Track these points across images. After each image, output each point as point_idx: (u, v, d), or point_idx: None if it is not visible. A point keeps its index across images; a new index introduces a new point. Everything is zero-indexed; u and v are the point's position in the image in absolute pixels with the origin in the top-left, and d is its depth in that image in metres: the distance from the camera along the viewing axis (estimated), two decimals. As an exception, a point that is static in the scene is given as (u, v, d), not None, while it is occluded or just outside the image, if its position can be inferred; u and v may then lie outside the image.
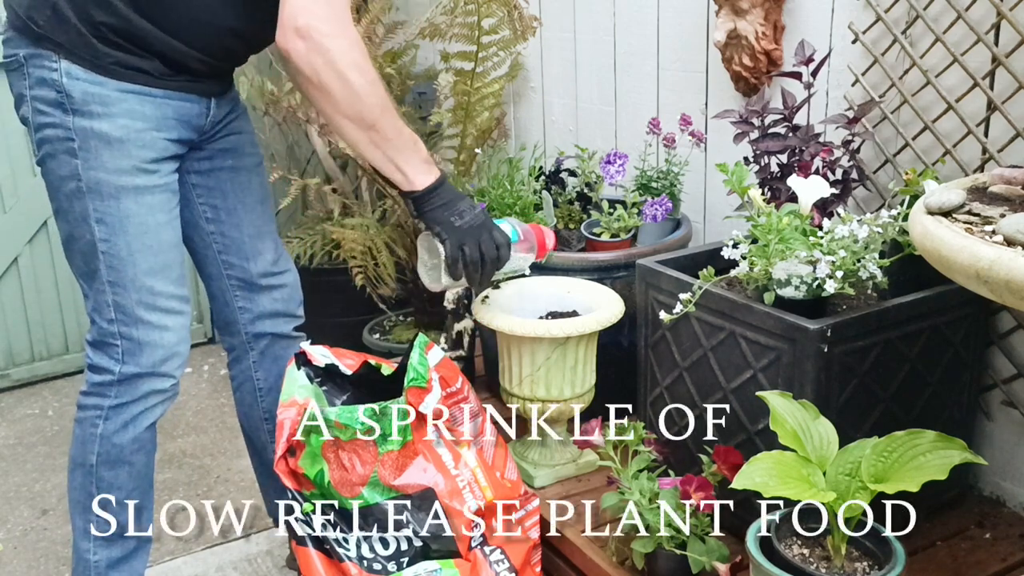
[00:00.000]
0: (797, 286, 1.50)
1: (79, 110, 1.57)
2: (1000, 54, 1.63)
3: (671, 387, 1.78)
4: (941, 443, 1.34)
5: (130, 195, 1.61)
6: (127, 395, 1.69)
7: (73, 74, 1.56)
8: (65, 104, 1.57)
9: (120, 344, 1.67)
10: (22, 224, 3.08)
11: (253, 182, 1.86)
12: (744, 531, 1.41)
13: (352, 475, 1.64)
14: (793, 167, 1.76)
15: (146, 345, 1.67)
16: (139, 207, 1.62)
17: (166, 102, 1.62)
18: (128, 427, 1.71)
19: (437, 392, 1.68)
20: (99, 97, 1.56)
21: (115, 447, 1.72)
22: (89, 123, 1.57)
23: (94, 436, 1.72)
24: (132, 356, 1.67)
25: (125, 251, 1.63)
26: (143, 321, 1.66)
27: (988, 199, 1.24)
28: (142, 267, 1.65)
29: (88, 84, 1.56)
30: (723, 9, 2.04)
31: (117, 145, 1.58)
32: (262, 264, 1.88)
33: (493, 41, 2.75)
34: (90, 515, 1.75)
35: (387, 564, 1.66)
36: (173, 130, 1.65)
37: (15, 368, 3.19)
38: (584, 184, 2.29)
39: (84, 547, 1.76)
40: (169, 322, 1.69)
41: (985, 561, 1.63)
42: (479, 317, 1.84)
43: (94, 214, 1.61)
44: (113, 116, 1.57)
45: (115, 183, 1.60)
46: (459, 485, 1.67)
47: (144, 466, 1.77)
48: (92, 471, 1.73)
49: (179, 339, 1.71)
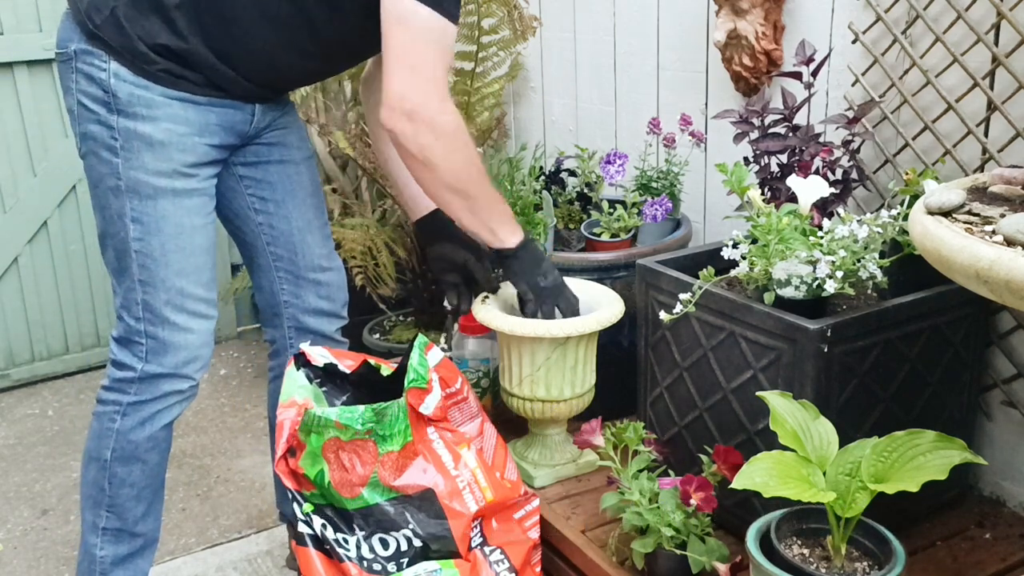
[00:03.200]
0: (797, 286, 1.50)
1: (124, 111, 1.60)
2: (1000, 54, 1.63)
3: (671, 387, 1.78)
4: (941, 443, 1.34)
5: (168, 197, 1.64)
6: (147, 393, 1.71)
7: (121, 75, 1.59)
8: (111, 103, 1.60)
9: (145, 343, 1.68)
10: (22, 224, 3.08)
11: (303, 175, 1.87)
12: (744, 531, 1.41)
13: (352, 475, 1.64)
14: (793, 167, 1.76)
15: (170, 345, 1.69)
16: (176, 209, 1.65)
17: (210, 109, 1.65)
18: (145, 425, 1.72)
19: (437, 393, 1.68)
20: (144, 100, 1.60)
21: (130, 443, 1.73)
22: (133, 124, 1.60)
23: (111, 431, 1.73)
24: (156, 355, 1.69)
25: (159, 251, 1.65)
26: (170, 322, 1.68)
27: (988, 199, 1.24)
28: (174, 268, 1.66)
29: (134, 87, 1.59)
30: (723, 9, 2.04)
31: (159, 147, 1.61)
32: (310, 257, 1.90)
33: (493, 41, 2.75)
34: (100, 510, 1.76)
35: (387, 564, 1.66)
36: (215, 136, 1.67)
37: (15, 368, 3.19)
38: (584, 184, 2.29)
39: (92, 542, 1.78)
40: (195, 325, 1.70)
41: (985, 561, 1.63)
42: (479, 317, 1.84)
43: (131, 212, 1.64)
44: (157, 119, 1.60)
45: (154, 184, 1.63)
46: (459, 486, 1.67)
47: (157, 465, 1.78)
48: (106, 466, 1.74)
49: (203, 342, 1.73)
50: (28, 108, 3.00)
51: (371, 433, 1.64)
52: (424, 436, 1.68)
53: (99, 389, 1.75)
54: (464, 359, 2.11)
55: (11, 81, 2.98)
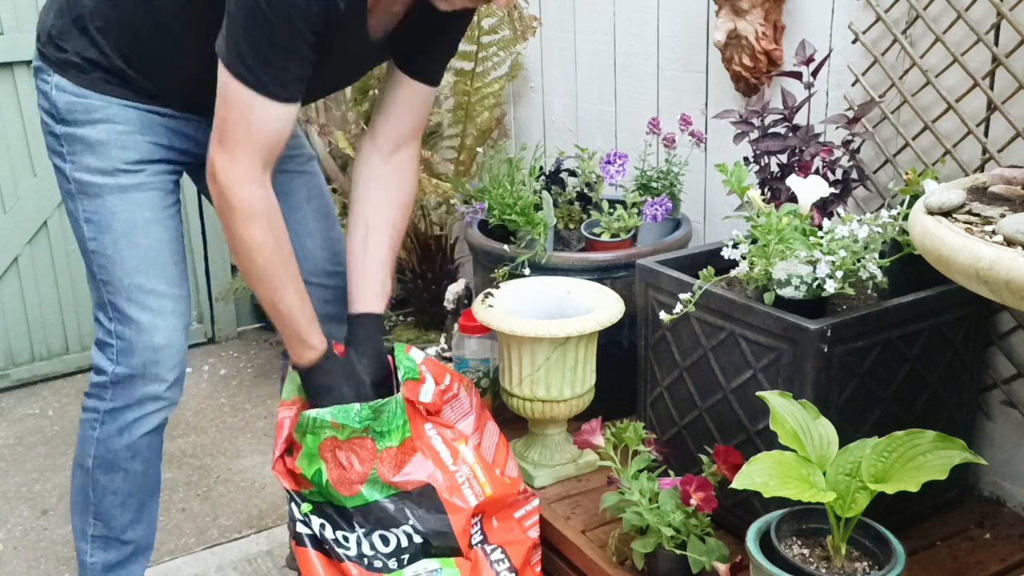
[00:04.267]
0: (797, 286, 1.50)
1: (65, 119, 1.64)
2: (1000, 54, 1.63)
3: (671, 387, 1.78)
4: (941, 443, 1.34)
5: (114, 193, 1.65)
6: (121, 399, 1.69)
7: (62, 87, 1.64)
8: (55, 114, 1.65)
9: (115, 343, 1.68)
10: (22, 224, 3.08)
11: (295, 182, 1.86)
12: (744, 531, 1.41)
13: (351, 473, 1.64)
14: (793, 167, 1.76)
15: (136, 344, 1.67)
16: (124, 204, 1.65)
17: (153, 114, 1.67)
18: (123, 433, 1.71)
19: (431, 382, 1.69)
20: (83, 106, 1.64)
21: (110, 452, 1.72)
22: (74, 129, 1.64)
23: (91, 439, 1.72)
24: (124, 356, 1.67)
25: (111, 248, 1.65)
26: (132, 320, 1.67)
27: (988, 199, 1.24)
28: (129, 264, 1.66)
29: (73, 96, 1.64)
30: (723, 9, 2.04)
31: (99, 147, 1.64)
32: (312, 262, 1.88)
33: (493, 41, 2.75)
34: (87, 517, 1.76)
35: (388, 561, 1.66)
36: (163, 137, 1.68)
37: (15, 368, 3.19)
38: (584, 184, 2.28)
39: (82, 548, 1.78)
40: (160, 323, 1.68)
41: (985, 561, 1.63)
42: (479, 317, 1.84)
43: (83, 214, 1.66)
44: (96, 122, 1.64)
45: (99, 183, 1.65)
46: (458, 481, 1.67)
47: (142, 474, 1.76)
48: (89, 473, 1.74)
49: (169, 340, 1.69)
50: (28, 108, 3.00)
51: (369, 430, 1.64)
52: (422, 432, 1.69)
53: (83, 396, 1.75)
54: (464, 359, 2.11)
55: (11, 81, 2.98)
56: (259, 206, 1.56)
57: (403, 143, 1.79)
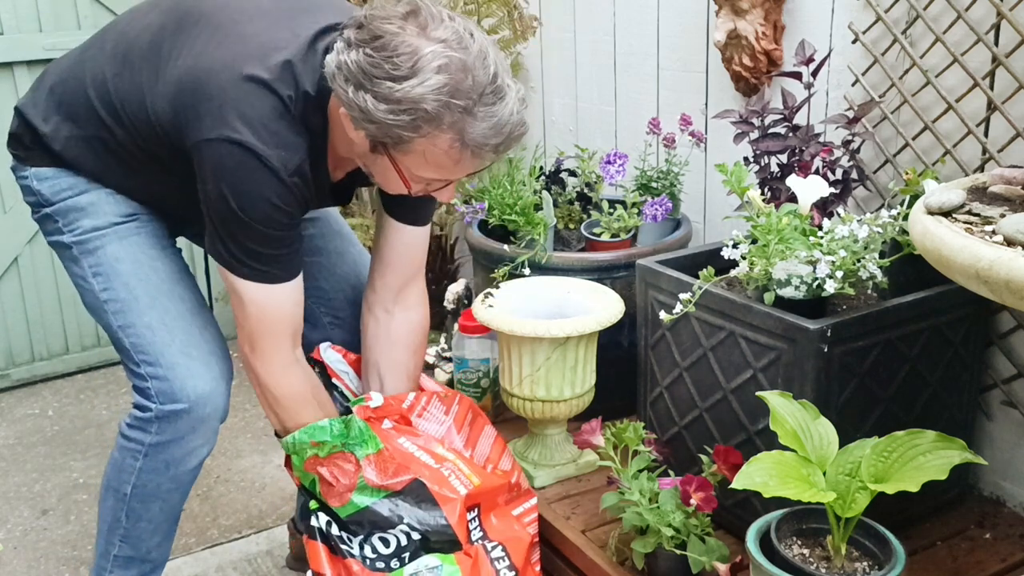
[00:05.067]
0: (797, 286, 1.50)
1: (52, 201, 1.68)
2: (1000, 54, 1.63)
3: (671, 387, 1.78)
4: (941, 443, 1.34)
5: (113, 240, 1.67)
6: (168, 433, 1.64)
7: (40, 176, 1.67)
8: (43, 202, 1.68)
9: (151, 384, 1.64)
10: (22, 224, 3.08)
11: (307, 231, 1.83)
12: (744, 531, 1.41)
13: (339, 486, 1.66)
14: (793, 167, 1.76)
15: (174, 379, 1.63)
16: (125, 248, 1.67)
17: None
18: (169, 468, 1.68)
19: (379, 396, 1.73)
20: (66, 183, 1.67)
21: (152, 483, 1.69)
22: (64, 204, 1.67)
23: (132, 468, 1.68)
24: (164, 393, 1.63)
25: (124, 291, 1.66)
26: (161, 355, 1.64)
27: (988, 199, 1.24)
28: (144, 301, 1.65)
29: (53, 179, 1.67)
30: (723, 9, 2.04)
31: (91, 208, 1.67)
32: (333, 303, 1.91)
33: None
34: (114, 539, 1.74)
35: (389, 562, 1.66)
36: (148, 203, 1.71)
37: (15, 368, 3.19)
38: (584, 184, 2.28)
39: (103, 565, 1.77)
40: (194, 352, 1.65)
41: (985, 561, 1.63)
42: (479, 317, 1.84)
43: (90, 271, 1.68)
44: (82, 192, 1.67)
45: (98, 237, 1.67)
46: (443, 474, 1.68)
47: (178, 503, 1.76)
48: (124, 500, 1.71)
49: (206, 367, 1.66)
50: (28, 108, 3.00)
51: (345, 445, 1.65)
52: (396, 445, 1.69)
53: (122, 423, 1.70)
54: (464, 359, 2.11)
55: (11, 81, 2.98)
56: (301, 388, 1.66)
57: (405, 287, 1.80)
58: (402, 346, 1.80)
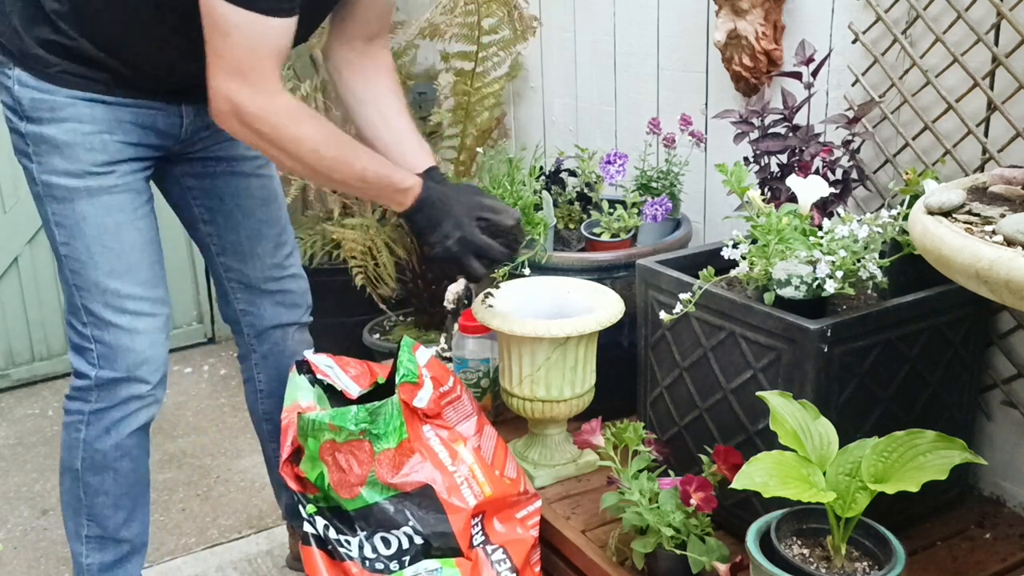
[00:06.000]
0: (797, 286, 1.50)
1: (30, 116, 1.59)
2: (1000, 54, 1.63)
3: (671, 387, 1.78)
4: (941, 443, 1.34)
5: (83, 197, 1.61)
6: (106, 400, 1.67)
7: (24, 81, 1.58)
8: (18, 110, 1.60)
9: (94, 348, 1.65)
10: (22, 224, 3.08)
11: (252, 184, 1.84)
12: (744, 531, 1.41)
13: (350, 476, 1.65)
14: (793, 167, 1.76)
15: (118, 349, 1.65)
16: (95, 208, 1.61)
17: (120, 107, 1.61)
18: (110, 432, 1.69)
19: (429, 387, 1.69)
20: (47, 103, 1.58)
21: (98, 453, 1.70)
22: (39, 128, 1.59)
23: (78, 441, 1.70)
24: (106, 360, 1.65)
25: (85, 254, 1.62)
26: (112, 324, 1.64)
27: (988, 199, 1.24)
28: (103, 269, 1.63)
29: (36, 91, 1.58)
30: (723, 9, 2.04)
31: (66, 148, 1.59)
32: (260, 267, 1.87)
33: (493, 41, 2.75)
34: (80, 519, 1.75)
35: (389, 563, 1.66)
36: (131, 134, 1.64)
37: (15, 368, 3.19)
38: (584, 184, 2.28)
39: (77, 550, 1.77)
40: (140, 325, 1.66)
41: (985, 561, 1.63)
42: (479, 317, 1.84)
43: (53, 217, 1.63)
44: (61, 121, 1.58)
45: (67, 186, 1.60)
46: (456, 481, 1.68)
47: (131, 472, 1.75)
48: (78, 476, 1.72)
49: (151, 342, 1.68)
50: (28, 108, 3.00)
51: (365, 433, 1.64)
52: (420, 434, 1.69)
53: (64, 399, 1.73)
54: (464, 359, 2.11)
55: (11, 81, 2.98)
56: (294, 106, 1.53)
57: (376, 35, 1.77)
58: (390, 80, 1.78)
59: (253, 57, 1.46)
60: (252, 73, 1.46)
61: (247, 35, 1.44)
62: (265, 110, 1.48)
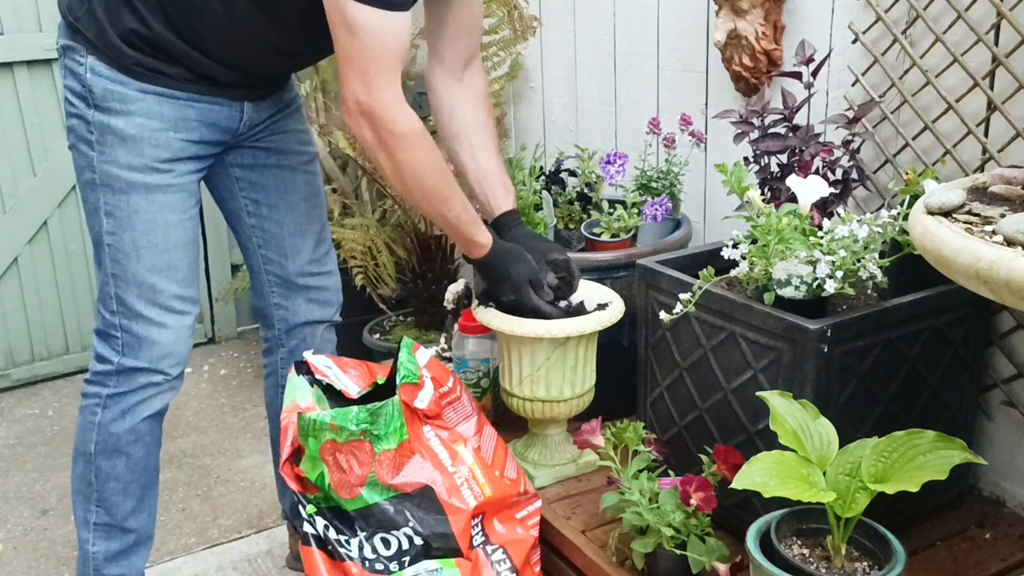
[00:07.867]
0: (797, 286, 1.50)
1: (99, 105, 1.61)
2: (1000, 54, 1.63)
3: (671, 387, 1.78)
4: (941, 443, 1.34)
5: (140, 192, 1.64)
6: (125, 385, 1.71)
7: (97, 70, 1.60)
8: (88, 98, 1.62)
9: (120, 336, 1.69)
10: (22, 224, 3.08)
11: (298, 179, 1.88)
12: (744, 531, 1.41)
13: (350, 476, 1.65)
14: (793, 167, 1.76)
15: (144, 341, 1.70)
16: (149, 204, 1.65)
17: (188, 104, 1.65)
18: (125, 416, 1.73)
19: (430, 388, 1.70)
20: (118, 95, 1.61)
21: (112, 436, 1.73)
22: (107, 119, 1.61)
23: (93, 424, 1.74)
24: (131, 349, 1.70)
25: (130, 246, 1.66)
26: (143, 316, 1.68)
27: (988, 199, 1.24)
28: (145, 264, 1.67)
29: (109, 81, 1.60)
30: (723, 9, 2.04)
31: (131, 142, 1.62)
32: (299, 262, 1.91)
33: (493, 41, 2.75)
34: (90, 504, 1.77)
35: (389, 564, 1.66)
36: (194, 131, 1.67)
37: (15, 368, 3.19)
38: (584, 184, 2.28)
39: (84, 537, 1.79)
40: (169, 320, 1.71)
41: (985, 561, 1.63)
42: (479, 317, 1.84)
43: (104, 206, 1.65)
44: (131, 114, 1.61)
45: (126, 178, 1.63)
46: (457, 482, 1.68)
47: (143, 459, 1.78)
48: (91, 460, 1.75)
49: (177, 338, 1.73)
50: (28, 108, 3.01)
51: (366, 433, 1.64)
52: (420, 435, 1.69)
53: (83, 383, 1.77)
54: (464, 359, 2.11)
55: (11, 81, 2.98)
56: (418, 126, 1.58)
57: (470, 58, 1.81)
58: (483, 113, 1.83)
59: (382, 58, 1.51)
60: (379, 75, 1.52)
61: (381, 34, 1.49)
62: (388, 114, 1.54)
